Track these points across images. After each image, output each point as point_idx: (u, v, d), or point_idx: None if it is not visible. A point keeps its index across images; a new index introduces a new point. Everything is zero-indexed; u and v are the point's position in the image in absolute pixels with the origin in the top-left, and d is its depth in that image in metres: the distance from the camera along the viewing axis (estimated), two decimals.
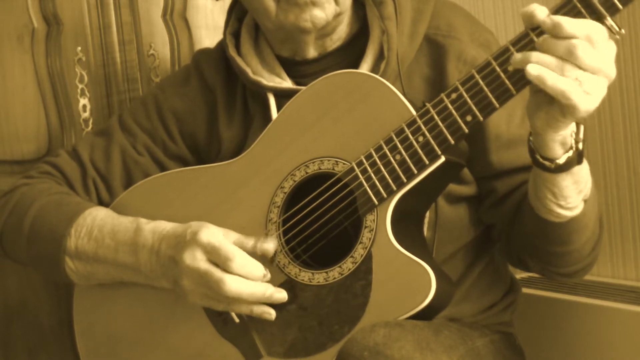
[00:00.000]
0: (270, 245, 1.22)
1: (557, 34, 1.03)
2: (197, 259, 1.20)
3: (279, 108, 1.31)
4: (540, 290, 1.70)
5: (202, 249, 1.20)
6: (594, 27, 1.03)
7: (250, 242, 1.22)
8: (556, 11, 1.05)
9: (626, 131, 1.64)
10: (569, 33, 1.03)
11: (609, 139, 1.66)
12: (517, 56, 1.06)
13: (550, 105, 1.06)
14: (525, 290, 1.60)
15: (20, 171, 1.73)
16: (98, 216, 1.34)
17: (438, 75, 1.30)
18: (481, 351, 1.26)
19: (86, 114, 1.72)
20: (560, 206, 1.16)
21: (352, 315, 1.17)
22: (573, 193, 1.15)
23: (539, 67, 1.03)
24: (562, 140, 1.10)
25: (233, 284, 1.19)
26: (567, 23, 1.03)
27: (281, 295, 1.21)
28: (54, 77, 1.74)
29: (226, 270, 1.19)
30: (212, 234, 1.21)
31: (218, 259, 1.20)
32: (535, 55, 1.04)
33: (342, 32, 1.35)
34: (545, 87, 1.03)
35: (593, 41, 1.02)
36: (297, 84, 1.36)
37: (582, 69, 1.02)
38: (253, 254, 1.21)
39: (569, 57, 1.02)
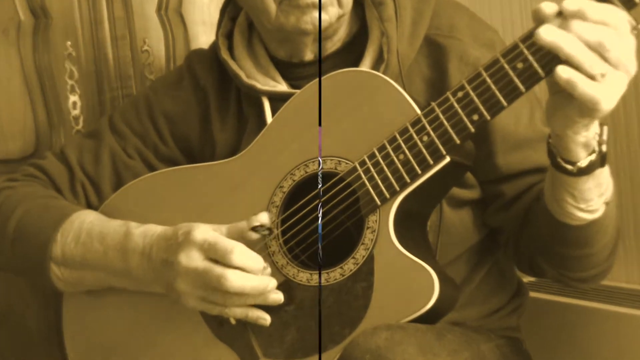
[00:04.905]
0: (264, 215, 1.21)
1: (583, 17, 0.98)
2: (193, 259, 1.18)
3: (273, 112, 1.29)
4: (549, 295, 1.67)
5: (198, 248, 1.18)
6: (620, 15, 0.99)
7: (242, 223, 1.20)
8: None
9: (626, 131, 1.64)
10: (597, 19, 0.99)
11: (609, 139, 1.65)
12: (544, 31, 0.99)
13: (568, 105, 1.03)
14: (532, 294, 1.57)
15: (5, 171, 1.69)
16: (86, 220, 1.32)
17: (439, 76, 1.28)
18: (486, 356, 1.25)
19: (76, 111, 1.71)
20: (581, 209, 1.14)
21: (353, 317, 1.15)
22: (594, 196, 1.13)
23: (570, 70, 0.99)
24: (585, 142, 1.07)
25: (235, 279, 1.16)
26: (593, 7, 0.99)
27: (277, 296, 1.19)
28: (41, 73, 1.71)
29: (227, 264, 1.17)
30: (205, 231, 1.19)
31: (216, 254, 1.17)
32: (568, 39, 0.98)
33: (342, 33, 1.33)
34: (574, 93, 0.99)
35: (619, 29, 0.98)
36: (292, 86, 1.34)
37: (607, 61, 0.99)
38: (250, 241, 1.20)
39: (598, 47, 0.98)
